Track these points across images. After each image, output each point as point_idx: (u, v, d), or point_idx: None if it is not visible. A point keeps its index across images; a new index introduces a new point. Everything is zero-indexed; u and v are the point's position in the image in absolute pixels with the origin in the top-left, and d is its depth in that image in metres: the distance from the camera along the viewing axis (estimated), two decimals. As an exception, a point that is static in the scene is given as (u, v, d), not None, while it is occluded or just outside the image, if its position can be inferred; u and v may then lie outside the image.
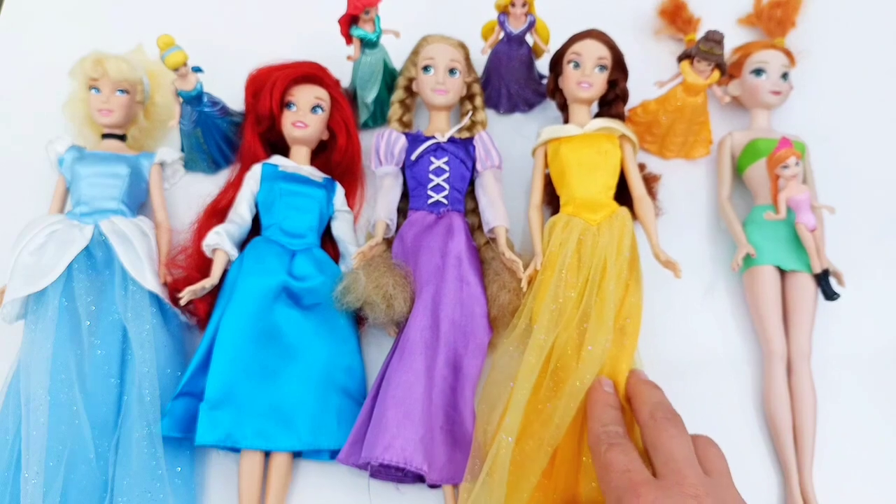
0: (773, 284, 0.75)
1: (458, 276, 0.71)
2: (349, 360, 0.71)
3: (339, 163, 0.81)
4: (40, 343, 0.67)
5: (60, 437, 0.64)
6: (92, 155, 0.77)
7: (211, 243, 0.71)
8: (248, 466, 0.65)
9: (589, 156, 0.75)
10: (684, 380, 0.71)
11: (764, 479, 0.71)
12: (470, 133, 0.82)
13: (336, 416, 0.68)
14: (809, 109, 0.90)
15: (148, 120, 0.84)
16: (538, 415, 0.65)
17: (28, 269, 0.69)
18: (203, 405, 0.65)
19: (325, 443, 0.66)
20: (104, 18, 0.97)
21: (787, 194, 0.75)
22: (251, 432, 0.65)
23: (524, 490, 0.62)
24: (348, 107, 0.81)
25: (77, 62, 0.78)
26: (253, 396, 0.66)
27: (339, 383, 0.69)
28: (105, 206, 0.75)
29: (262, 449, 0.66)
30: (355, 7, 0.75)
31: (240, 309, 0.68)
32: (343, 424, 0.67)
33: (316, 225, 0.75)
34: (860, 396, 0.74)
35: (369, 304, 0.69)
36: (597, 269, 0.69)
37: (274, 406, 0.66)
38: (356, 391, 0.70)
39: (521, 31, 0.80)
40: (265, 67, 0.79)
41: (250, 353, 0.67)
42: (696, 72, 0.78)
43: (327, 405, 0.68)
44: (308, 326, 0.70)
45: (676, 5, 0.93)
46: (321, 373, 0.68)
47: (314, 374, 0.68)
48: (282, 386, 0.67)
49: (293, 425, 0.66)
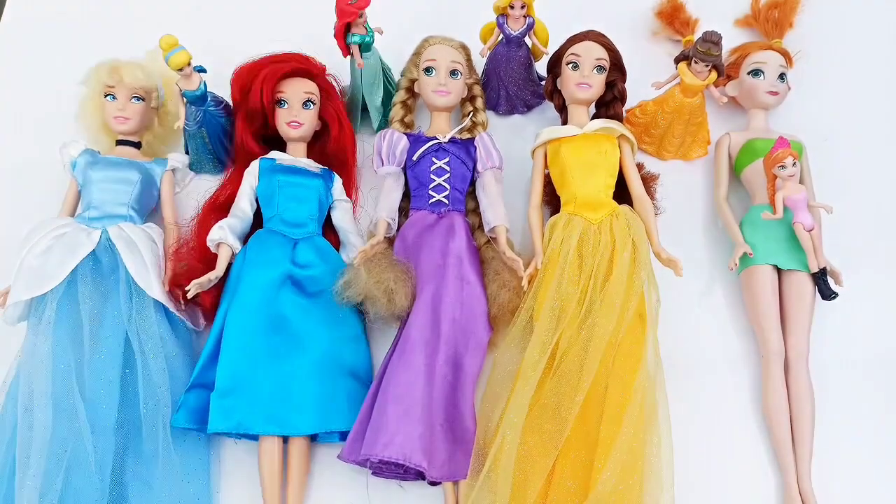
0: (771, 284, 0.75)
1: (458, 275, 0.71)
2: (355, 344, 0.73)
3: (333, 153, 0.82)
4: (42, 346, 0.67)
5: (61, 439, 0.64)
6: (105, 160, 0.78)
7: (215, 238, 0.73)
8: (267, 453, 0.67)
9: (589, 156, 0.75)
10: (682, 379, 0.72)
11: (762, 477, 0.71)
12: (471, 134, 0.83)
13: (345, 399, 0.70)
14: (807, 110, 0.90)
15: (161, 126, 0.85)
16: (542, 410, 0.66)
17: (33, 272, 0.70)
18: (214, 394, 0.66)
19: (336, 424, 0.68)
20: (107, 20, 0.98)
21: (784, 194, 0.75)
22: (263, 418, 0.66)
23: (530, 488, 0.63)
24: (338, 96, 0.82)
25: (92, 69, 0.79)
26: (262, 383, 0.67)
27: (346, 367, 0.71)
28: (115, 212, 0.75)
29: (274, 434, 0.67)
30: (350, 14, 0.75)
31: (246, 299, 0.70)
32: (352, 406, 0.69)
33: (316, 214, 0.77)
34: (858, 395, 0.75)
35: (370, 298, 0.70)
36: (600, 267, 0.70)
37: (284, 392, 0.68)
38: (363, 374, 0.72)
39: (520, 33, 0.81)
40: (249, 63, 0.78)
41: (258, 342, 0.68)
42: (693, 73, 0.79)
43: (336, 388, 0.69)
44: (313, 313, 0.71)
45: (674, 7, 0.94)
46: (328, 358, 0.70)
47: (321, 359, 0.70)
48: (290, 372, 0.68)
49: (303, 409, 0.67)
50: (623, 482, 0.62)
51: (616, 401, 0.65)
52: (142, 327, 0.70)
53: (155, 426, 0.67)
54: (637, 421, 0.64)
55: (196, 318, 0.76)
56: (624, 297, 0.68)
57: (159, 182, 0.80)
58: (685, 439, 0.69)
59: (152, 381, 0.68)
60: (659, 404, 0.67)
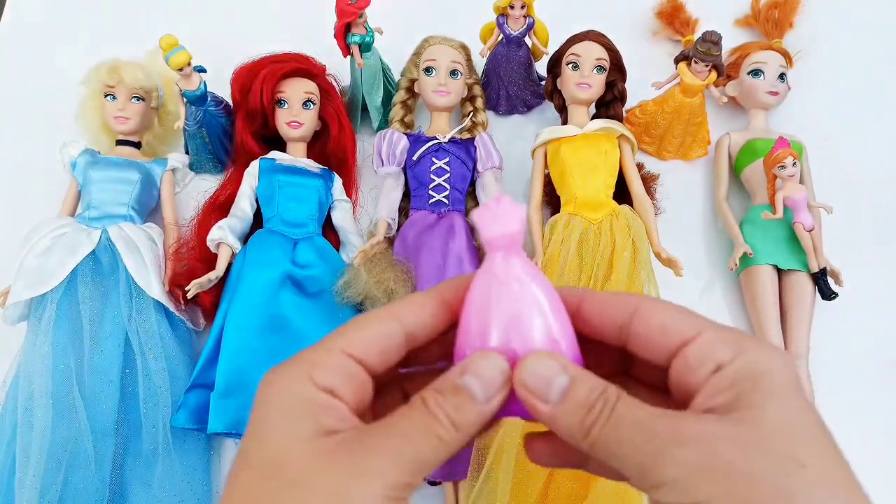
0: (771, 284, 0.75)
1: (458, 275, 0.71)
2: None
3: (333, 153, 0.82)
4: (42, 345, 0.67)
5: (61, 439, 0.64)
6: (105, 160, 0.78)
7: (215, 238, 0.72)
8: None
9: (589, 156, 0.76)
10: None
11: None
12: (471, 134, 0.83)
13: None
14: (807, 110, 0.91)
15: (161, 126, 0.85)
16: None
17: (33, 271, 0.70)
18: (214, 394, 0.66)
19: None
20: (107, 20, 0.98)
21: (784, 194, 0.75)
22: None
23: (530, 488, 0.63)
24: (338, 96, 0.82)
25: (92, 69, 0.79)
26: None
27: None
28: (115, 212, 0.75)
29: None
30: (350, 14, 0.75)
31: (246, 299, 0.69)
32: None
33: (316, 214, 0.77)
34: (857, 396, 0.74)
35: (370, 298, 0.70)
36: (600, 266, 0.70)
37: None
38: None
39: (520, 33, 0.81)
40: (249, 63, 0.79)
41: (258, 342, 0.68)
42: (693, 73, 0.79)
43: None
44: (314, 313, 0.71)
45: (674, 6, 0.94)
46: None
47: None
48: None
49: None
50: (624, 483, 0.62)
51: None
52: (142, 327, 0.70)
53: (155, 426, 0.67)
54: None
55: (196, 318, 0.76)
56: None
57: (159, 182, 0.80)
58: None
59: (152, 381, 0.68)
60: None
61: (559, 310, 0.30)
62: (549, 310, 0.29)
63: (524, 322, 0.29)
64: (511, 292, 0.29)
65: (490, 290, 0.29)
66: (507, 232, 0.28)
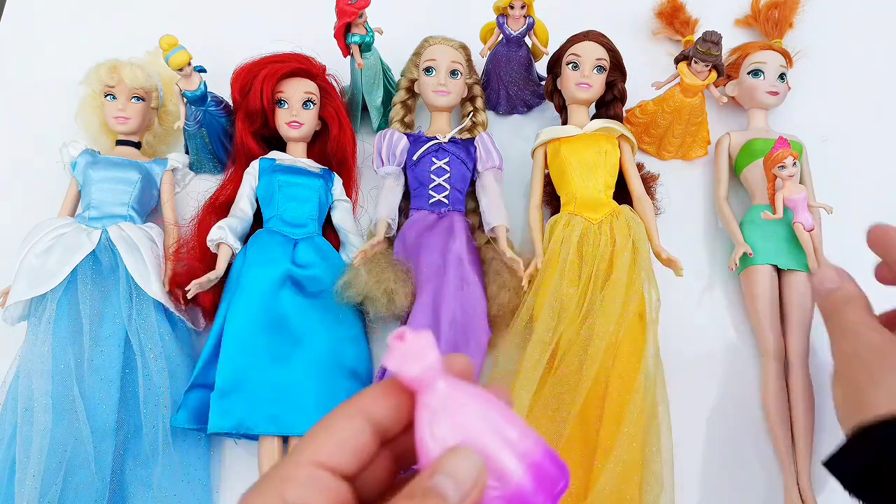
0: (771, 284, 0.75)
1: (458, 275, 0.71)
2: (355, 344, 0.72)
3: (333, 153, 0.82)
4: (42, 345, 0.67)
5: (61, 439, 0.64)
6: (105, 160, 0.78)
7: (214, 238, 0.73)
8: (267, 452, 0.67)
9: (589, 156, 0.76)
10: (682, 379, 0.72)
11: (762, 477, 0.71)
12: (471, 134, 0.83)
13: (346, 399, 0.69)
14: (807, 110, 0.91)
15: (161, 126, 0.85)
16: (542, 410, 0.66)
17: (33, 271, 0.70)
18: (214, 394, 0.66)
19: None
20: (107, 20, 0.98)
21: (784, 194, 0.75)
22: (263, 418, 0.66)
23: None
24: (338, 96, 0.82)
25: (91, 69, 0.79)
26: (263, 383, 0.67)
27: (346, 367, 0.71)
28: (115, 212, 0.75)
29: (274, 434, 0.67)
30: (350, 14, 0.75)
31: (246, 299, 0.69)
32: None
33: (316, 214, 0.77)
34: (857, 394, 0.75)
35: (370, 298, 0.70)
36: (600, 267, 0.70)
37: (284, 392, 0.67)
38: (363, 374, 0.72)
39: (520, 33, 0.81)
40: (249, 63, 0.79)
41: (258, 342, 0.68)
42: (693, 73, 0.79)
43: (336, 388, 0.69)
44: (314, 313, 0.71)
45: (674, 7, 0.94)
46: (329, 357, 0.70)
47: (322, 359, 0.69)
48: (291, 372, 0.68)
49: (304, 409, 0.67)
50: (623, 482, 0.62)
51: (616, 401, 0.65)
52: (142, 327, 0.70)
53: (155, 426, 0.67)
54: (637, 421, 0.64)
55: (196, 318, 0.76)
56: (624, 297, 0.68)
57: (159, 182, 0.80)
58: (685, 439, 0.69)
59: (152, 381, 0.68)
60: (659, 404, 0.67)
61: (498, 409, 0.28)
62: (492, 415, 0.28)
63: (474, 437, 0.27)
64: (450, 418, 0.28)
65: (432, 421, 0.28)
66: (426, 367, 0.27)
